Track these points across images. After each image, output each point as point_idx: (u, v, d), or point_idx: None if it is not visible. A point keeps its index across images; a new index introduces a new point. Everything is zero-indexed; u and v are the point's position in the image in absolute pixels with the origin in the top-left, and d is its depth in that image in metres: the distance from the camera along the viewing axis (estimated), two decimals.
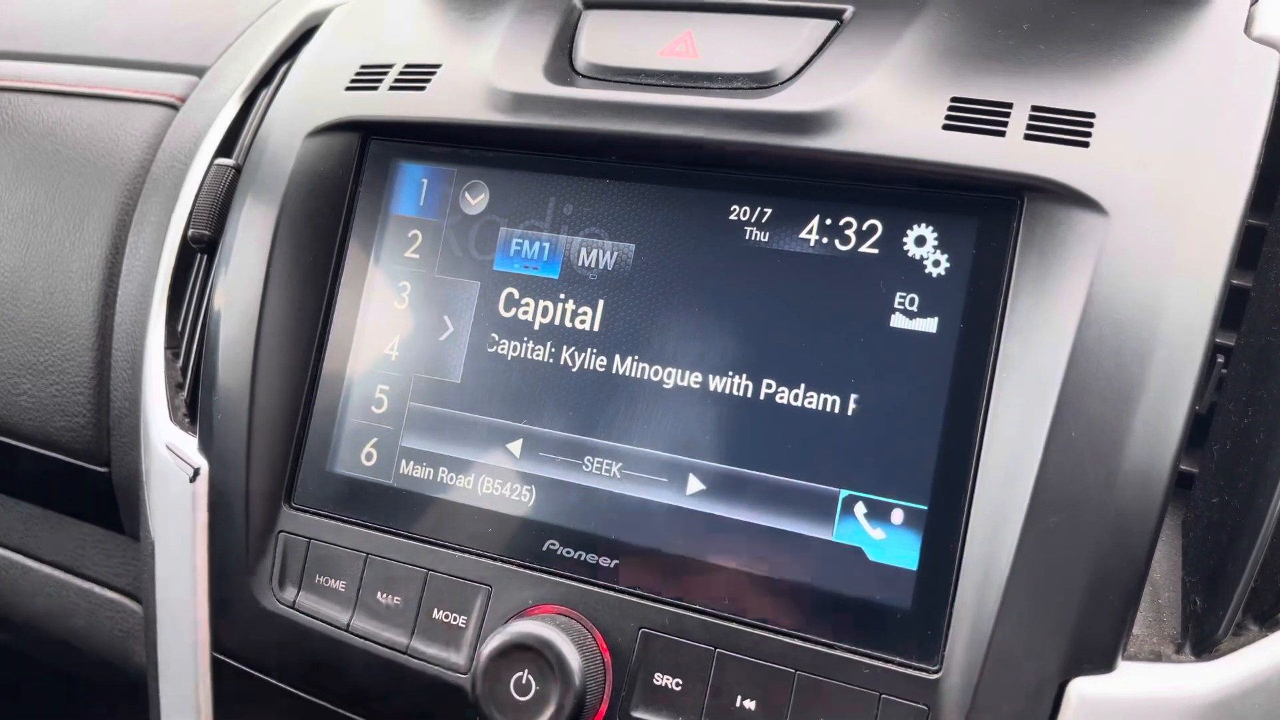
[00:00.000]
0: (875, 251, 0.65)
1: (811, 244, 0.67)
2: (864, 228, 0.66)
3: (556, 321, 0.72)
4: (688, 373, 0.68)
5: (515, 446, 0.72)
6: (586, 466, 0.70)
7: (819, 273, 0.66)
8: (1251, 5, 0.66)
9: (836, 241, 0.66)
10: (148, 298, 0.91)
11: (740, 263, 0.68)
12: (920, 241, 0.64)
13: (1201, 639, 0.59)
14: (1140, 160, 0.60)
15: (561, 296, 0.72)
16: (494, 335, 0.73)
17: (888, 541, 0.63)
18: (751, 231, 0.68)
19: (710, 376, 0.67)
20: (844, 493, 0.64)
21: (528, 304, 0.73)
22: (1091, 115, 0.62)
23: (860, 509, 0.63)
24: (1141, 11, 0.67)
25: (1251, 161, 0.60)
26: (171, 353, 0.88)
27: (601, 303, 0.71)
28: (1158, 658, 0.59)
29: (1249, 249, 0.63)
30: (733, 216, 0.69)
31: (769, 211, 0.68)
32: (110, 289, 0.97)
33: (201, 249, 0.86)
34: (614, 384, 0.70)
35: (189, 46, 1.07)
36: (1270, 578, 0.58)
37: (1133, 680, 0.57)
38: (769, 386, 0.66)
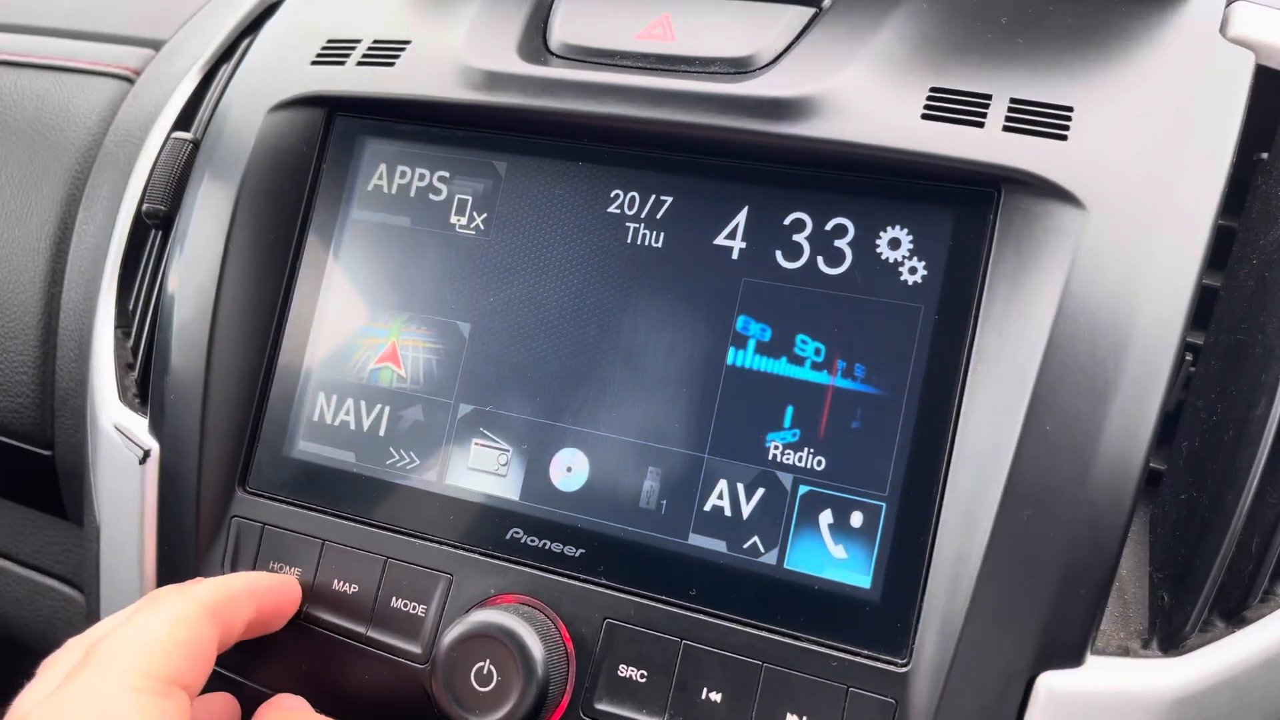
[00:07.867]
0: (850, 240, 0.65)
1: (787, 233, 0.66)
2: (838, 217, 0.65)
3: (525, 304, 0.70)
4: (659, 360, 0.67)
5: (480, 431, 0.70)
6: (551, 452, 0.68)
7: (794, 260, 0.65)
8: (1227, 6, 0.66)
9: (811, 231, 0.65)
10: (98, 275, 0.89)
11: (711, 249, 0.67)
12: (896, 232, 0.64)
13: (1169, 635, 0.59)
14: (1118, 156, 0.60)
15: (531, 280, 0.71)
16: (460, 319, 0.72)
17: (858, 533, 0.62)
18: (722, 219, 0.67)
19: (679, 362, 0.66)
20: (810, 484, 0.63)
21: (497, 286, 0.71)
22: (1070, 109, 0.62)
23: (830, 501, 0.63)
24: (1118, 9, 0.67)
25: (1226, 161, 0.60)
26: (122, 332, 0.85)
27: (575, 288, 0.69)
28: (1125, 653, 0.59)
29: (1218, 249, 0.64)
30: (700, 201, 0.68)
31: (742, 198, 0.67)
32: (58, 265, 0.94)
33: (156, 225, 0.83)
34: (583, 370, 0.68)
35: (145, 19, 1.05)
36: (1238, 574, 0.59)
37: (1101, 675, 0.57)
38: (741, 371, 0.65)
